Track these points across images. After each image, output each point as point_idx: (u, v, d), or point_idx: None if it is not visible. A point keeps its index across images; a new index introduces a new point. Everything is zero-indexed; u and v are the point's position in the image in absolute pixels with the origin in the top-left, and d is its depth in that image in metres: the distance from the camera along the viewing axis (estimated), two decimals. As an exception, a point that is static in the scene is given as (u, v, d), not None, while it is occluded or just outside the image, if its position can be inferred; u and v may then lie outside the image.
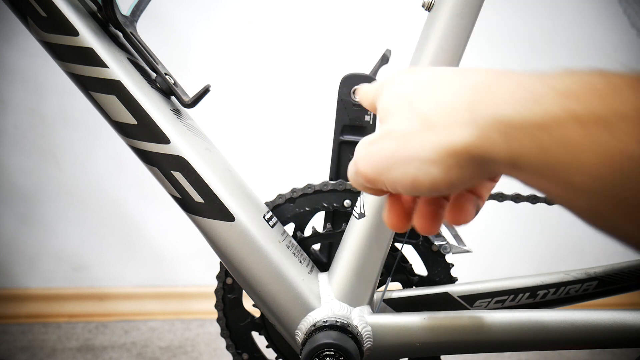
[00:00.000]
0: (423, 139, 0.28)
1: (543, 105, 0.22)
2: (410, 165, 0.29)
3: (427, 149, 0.28)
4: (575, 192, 0.22)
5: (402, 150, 0.29)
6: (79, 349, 1.18)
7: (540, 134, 0.22)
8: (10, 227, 1.28)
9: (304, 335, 0.53)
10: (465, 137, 0.25)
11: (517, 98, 0.24)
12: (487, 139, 0.24)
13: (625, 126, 0.20)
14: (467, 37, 0.49)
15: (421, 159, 0.28)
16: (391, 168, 0.30)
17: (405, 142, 0.29)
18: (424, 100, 0.30)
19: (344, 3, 1.20)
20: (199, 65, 1.21)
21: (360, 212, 0.53)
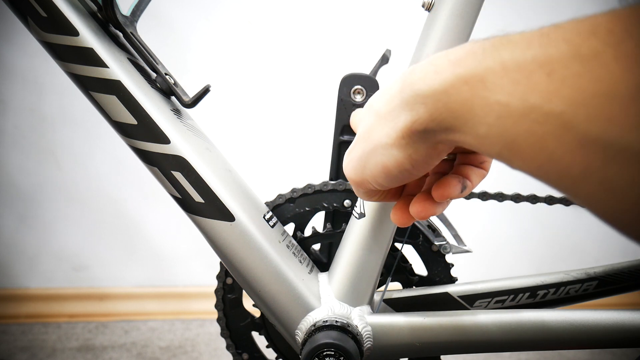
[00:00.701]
0: (379, 130, 0.33)
1: (441, 74, 0.27)
2: (376, 154, 0.34)
3: (382, 137, 0.33)
4: (484, 141, 0.25)
5: (368, 145, 0.35)
6: (79, 349, 1.18)
7: (444, 98, 0.27)
8: (10, 227, 1.28)
9: (304, 335, 0.53)
10: (403, 117, 0.31)
11: (425, 72, 0.28)
12: (417, 113, 0.29)
13: (494, 79, 0.24)
14: (467, 37, 0.49)
15: (382, 146, 0.33)
16: (366, 164, 0.35)
17: (368, 138, 0.35)
18: (376, 100, 0.35)
19: (344, 3, 1.20)
20: (199, 65, 1.21)
21: (360, 212, 0.53)
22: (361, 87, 0.57)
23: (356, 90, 0.57)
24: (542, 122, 0.22)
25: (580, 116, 0.21)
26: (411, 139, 0.31)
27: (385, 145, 0.33)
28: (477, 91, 0.25)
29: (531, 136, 0.23)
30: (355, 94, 0.57)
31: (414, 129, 0.30)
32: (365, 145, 0.35)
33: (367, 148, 0.35)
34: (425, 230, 0.59)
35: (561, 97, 0.21)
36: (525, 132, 0.23)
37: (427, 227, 0.60)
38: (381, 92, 0.35)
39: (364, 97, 0.57)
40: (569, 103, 0.21)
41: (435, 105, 0.28)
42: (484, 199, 0.61)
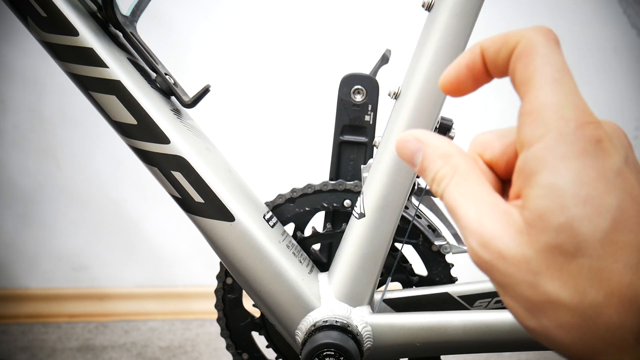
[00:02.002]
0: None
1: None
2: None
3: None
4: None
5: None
6: (79, 349, 1.18)
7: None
8: (10, 227, 1.28)
9: (304, 335, 0.53)
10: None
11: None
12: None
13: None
14: (467, 37, 0.49)
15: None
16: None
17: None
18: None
19: (344, 3, 1.20)
20: (199, 65, 1.21)
21: (360, 212, 0.53)
22: (361, 87, 0.57)
23: (356, 90, 0.57)
24: None
25: None
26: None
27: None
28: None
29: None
30: (355, 94, 0.57)
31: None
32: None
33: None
34: (425, 230, 0.59)
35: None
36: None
37: (427, 227, 0.60)
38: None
39: (364, 97, 0.57)
40: None
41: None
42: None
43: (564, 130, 0.20)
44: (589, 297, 0.20)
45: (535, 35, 0.23)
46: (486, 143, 0.25)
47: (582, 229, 0.20)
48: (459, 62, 0.25)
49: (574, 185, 0.20)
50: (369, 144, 0.59)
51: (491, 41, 0.24)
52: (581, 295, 0.20)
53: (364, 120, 0.58)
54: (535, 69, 0.22)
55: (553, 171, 0.20)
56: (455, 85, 0.26)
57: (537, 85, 0.22)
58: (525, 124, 0.22)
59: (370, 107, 0.58)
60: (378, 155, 0.52)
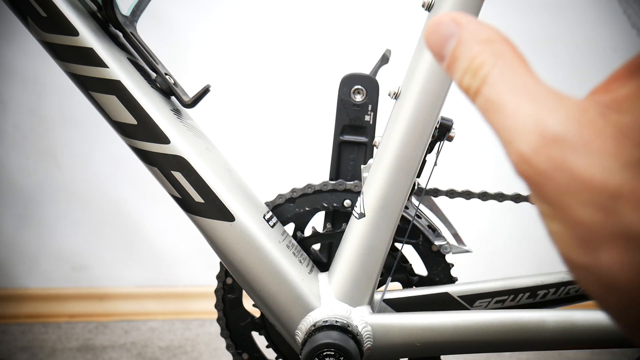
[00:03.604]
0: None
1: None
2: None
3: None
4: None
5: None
6: (79, 349, 1.18)
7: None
8: (10, 227, 1.28)
9: (304, 335, 0.53)
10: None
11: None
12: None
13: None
14: (467, 37, 0.48)
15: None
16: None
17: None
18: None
19: (344, 3, 1.20)
20: (199, 65, 1.21)
21: (360, 212, 0.53)
22: (361, 87, 0.57)
23: (356, 90, 0.57)
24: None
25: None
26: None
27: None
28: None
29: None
30: (355, 93, 0.57)
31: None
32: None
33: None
34: (425, 230, 0.59)
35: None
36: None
37: (427, 227, 0.60)
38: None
39: (364, 97, 0.57)
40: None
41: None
42: (484, 199, 0.61)
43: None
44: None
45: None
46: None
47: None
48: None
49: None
50: (369, 144, 0.59)
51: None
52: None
53: (364, 120, 0.58)
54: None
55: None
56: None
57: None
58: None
59: (370, 107, 0.58)
60: (378, 155, 0.52)
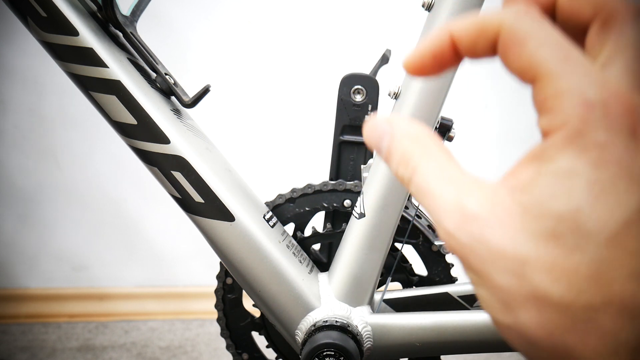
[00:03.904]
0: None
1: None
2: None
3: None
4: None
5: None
6: (79, 349, 1.18)
7: None
8: (10, 227, 1.28)
9: (304, 335, 0.53)
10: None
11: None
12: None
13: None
14: (467, 37, 0.48)
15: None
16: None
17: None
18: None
19: (344, 3, 1.20)
20: (199, 65, 1.21)
21: (360, 212, 0.53)
22: (361, 87, 0.57)
23: (356, 90, 0.57)
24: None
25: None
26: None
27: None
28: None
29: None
30: (355, 93, 0.57)
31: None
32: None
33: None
34: (425, 230, 0.59)
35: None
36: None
37: (427, 227, 0.60)
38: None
39: (363, 97, 0.57)
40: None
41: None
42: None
43: (589, 118, 0.18)
44: (583, 298, 0.17)
45: (515, 19, 0.20)
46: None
47: (588, 224, 0.17)
48: (424, 48, 0.23)
49: (589, 176, 0.17)
50: (369, 144, 0.59)
51: (463, 29, 0.22)
52: (575, 294, 0.17)
53: (364, 120, 0.58)
54: (533, 54, 0.19)
55: (570, 157, 0.18)
56: (419, 69, 0.23)
57: (544, 71, 0.19)
58: (543, 113, 0.19)
59: (370, 107, 0.58)
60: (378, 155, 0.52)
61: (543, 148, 0.19)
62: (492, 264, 0.18)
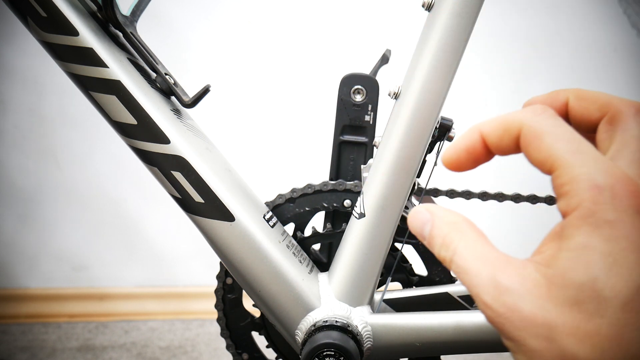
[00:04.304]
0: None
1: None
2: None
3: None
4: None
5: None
6: (79, 349, 1.18)
7: None
8: (10, 227, 1.28)
9: (304, 335, 0.53)
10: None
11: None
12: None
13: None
14: (468, 37, 0.48)
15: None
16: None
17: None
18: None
19: (344, 3, 1.20)
20: (199, 65, 1.21)
21: (360, 212, 0.53)
22: (361, 87, 0.57)
23: (356, 90, 0.57)
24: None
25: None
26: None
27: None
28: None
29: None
30: (355, 94, 0.57)
31: None
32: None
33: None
34: (425, 230, 0.59)
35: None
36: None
37: (427, 227, 0.60)
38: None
39: (364, 97, 0.57)
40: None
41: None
42: (484, 199, 0.61)
43: (598, 200, 0.21)
44: (606, 357, 0.20)
45: (534, 118, 0.23)
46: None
47: (605, 291, 0.20)
48: (459, 145, 0.26)
49: (602, 250, 0.20)
50: (369, 144, 0.59)
51: (490, 128, 0.25)
52: (599, 354, 0.20)
53: (364, 120, 0.58)
54: (550, 148, 0.22)
55: (585, 234, 0.21)
56: (456, 165, 0.27)
57: (559, 161, 0.22)
58: (561, 198, 0.22)
59: (370, 107, 0.58)
60: (378, 155, 0.52)
61: (562, 227, 0.22)
62: (525, 330, 0.21)
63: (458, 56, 0.49)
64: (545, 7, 1.23)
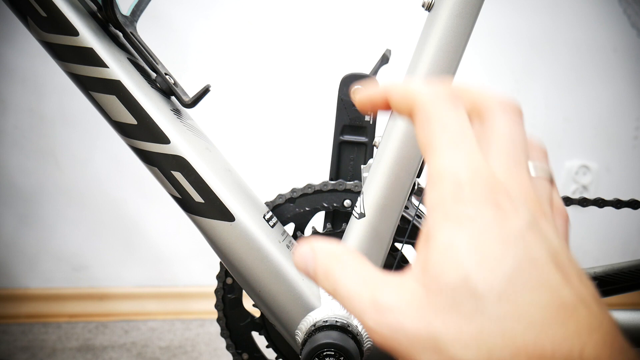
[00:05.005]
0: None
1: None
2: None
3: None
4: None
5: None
6: (79, 349, 1.18)
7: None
8: (10, 227, 1.28)
9: (304, 335, 0.53)
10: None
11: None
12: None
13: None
14: (468, 36, 0.49)
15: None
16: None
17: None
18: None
19: (344, 3, 1.20)
20: (199, 65, 1.21)
21: (360, 212, 0.53)
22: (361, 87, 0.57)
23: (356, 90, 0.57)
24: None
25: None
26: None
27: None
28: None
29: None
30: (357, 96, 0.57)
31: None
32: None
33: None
34: (425, 230, 0.59)
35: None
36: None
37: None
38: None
39: (364, 97, 0.57)
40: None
41: None
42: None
43: (458, 196, 0.21)
44: (494, 357, 0.19)
45: (431, 100, 0.23)
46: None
47: (478, 288, 0.19)
48: (367, 93, 0.27)
49: (468, 245, 0.20)
50: (369, 144, 0.59)
51: (395, 92, 0.25)
52: (486, 354, 0.19)
53: (364, 120, 0.58)
54: (432, 135, 0.22)
55: (448, 232, 0.20)
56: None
57: (435, 151, 0.22)
58: (427, 189, 0.22)
59: (370, 107, 0.58)
60: (378, 155, 0.52)
61: (427, 226, 0.22)
62: (413, 347, 0.20)
63: (458, 56, 0.49)
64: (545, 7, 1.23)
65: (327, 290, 0.24)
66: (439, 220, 0.21)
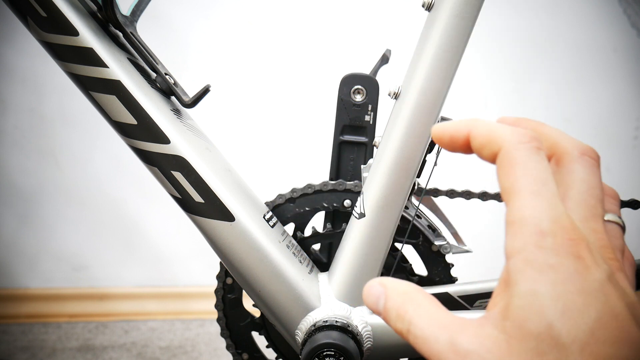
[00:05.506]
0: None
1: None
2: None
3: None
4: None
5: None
6: (79, 349, 1.18)
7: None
8: (10, 227, 1.28)
9: (304, 335, 0.53)
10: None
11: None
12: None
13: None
14: (468, 37, 0.49)
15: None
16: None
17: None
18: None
19: (344, 3, 1.20)
20: (199, 65, 1.21)
21: (360, 212, 0.53)
22: (361, 87, 0.57)
23: (356, 90, 0.57)
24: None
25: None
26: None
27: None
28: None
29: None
30: (355, 93, 0.57)
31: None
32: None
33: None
34: (425, 230, 0.59)
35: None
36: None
37: (427, 227, 0.60)
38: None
39: (364, 97, 0.57)
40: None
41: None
42: (484, 199, 0.61)
43: (541, 245, 0.21)
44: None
45: (515, 144, 0.23)
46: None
47: (562, 337, 0.20)
48: (448, 129, 0.26)
49: (551, 295, 0.20)
50: (369, 144, 0.59)
51: (478, 134, 0.25)
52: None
53: (364, 120, 0.58)
54: (515, 180, 0.22)
55: (532, 282, 0.21)
56: (438, 141, 0.27)
57: (517, 196, 0.22)
58: (508, 234, 0.22)
59: (370, 107, 0.58)
60: (378, 155, 0.52)
61: (507, 272, 0.22)
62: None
63: (458, 56, 0.49)
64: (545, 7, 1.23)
65: (399, 329, 0.24)
66: (520, 267, 0.21)
